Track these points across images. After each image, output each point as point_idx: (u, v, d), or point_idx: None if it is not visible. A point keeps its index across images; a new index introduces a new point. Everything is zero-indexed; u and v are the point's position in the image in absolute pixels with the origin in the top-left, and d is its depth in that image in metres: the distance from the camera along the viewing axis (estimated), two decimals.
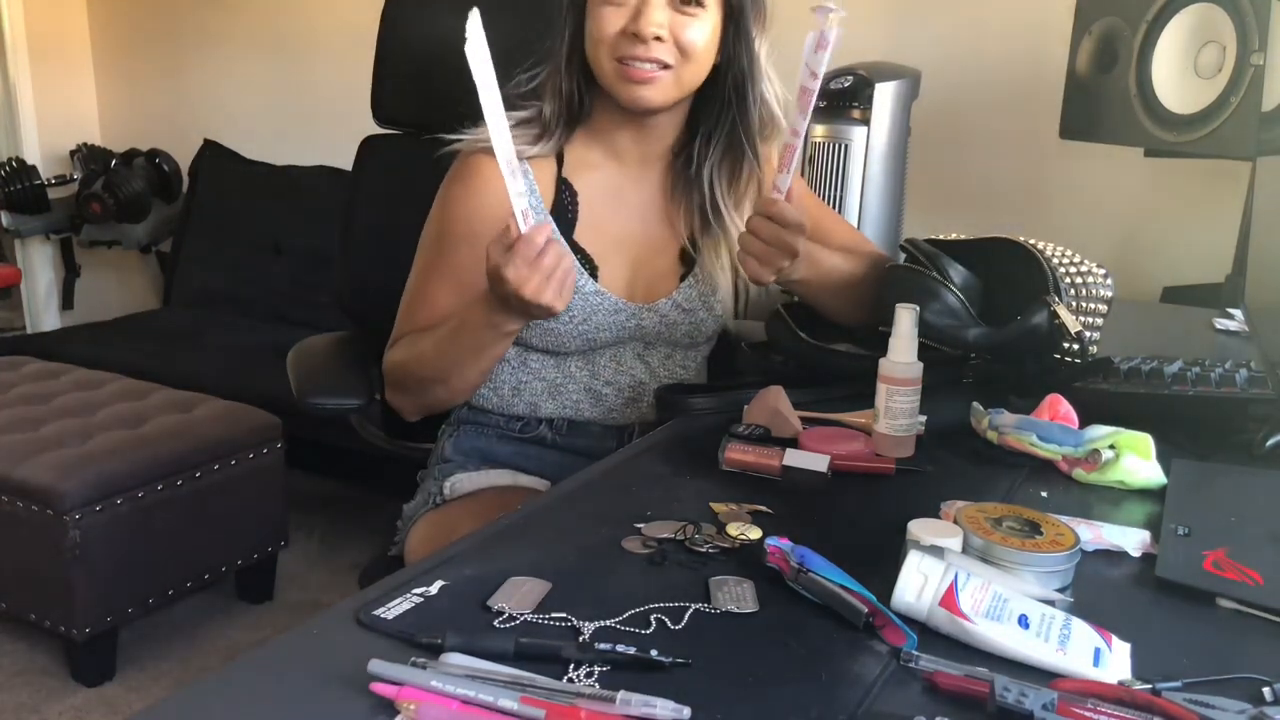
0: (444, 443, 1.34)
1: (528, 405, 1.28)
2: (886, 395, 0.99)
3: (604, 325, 1.24)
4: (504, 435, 1.30)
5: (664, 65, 1.15)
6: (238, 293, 3.27)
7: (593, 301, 1.23)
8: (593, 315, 1.23)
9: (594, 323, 1.23)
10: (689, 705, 0.59)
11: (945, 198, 2.33)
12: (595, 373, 1.28)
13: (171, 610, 2.21)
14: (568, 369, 1.27)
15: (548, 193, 1.23)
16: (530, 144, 1.21)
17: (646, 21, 1.13)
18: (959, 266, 1.17)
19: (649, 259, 1.28)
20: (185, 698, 0.62)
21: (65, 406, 2.28)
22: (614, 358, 1.28)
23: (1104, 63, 1.84)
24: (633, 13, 1.14)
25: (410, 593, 0.72)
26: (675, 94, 1.18)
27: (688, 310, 1.28)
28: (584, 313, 1.22)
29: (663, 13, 1.14)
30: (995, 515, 0.80)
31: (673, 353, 1.31)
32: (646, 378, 1.30)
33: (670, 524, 0.84)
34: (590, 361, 1.27)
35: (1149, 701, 0.60)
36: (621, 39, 1.15)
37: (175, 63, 3.63)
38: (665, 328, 1.28)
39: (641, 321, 1.26)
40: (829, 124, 1.98)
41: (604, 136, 1.25)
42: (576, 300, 1.22)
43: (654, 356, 1.30)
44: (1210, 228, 2.07)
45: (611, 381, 1.28)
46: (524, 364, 1.28)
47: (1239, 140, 1.62)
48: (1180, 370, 1.09)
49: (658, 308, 1.27)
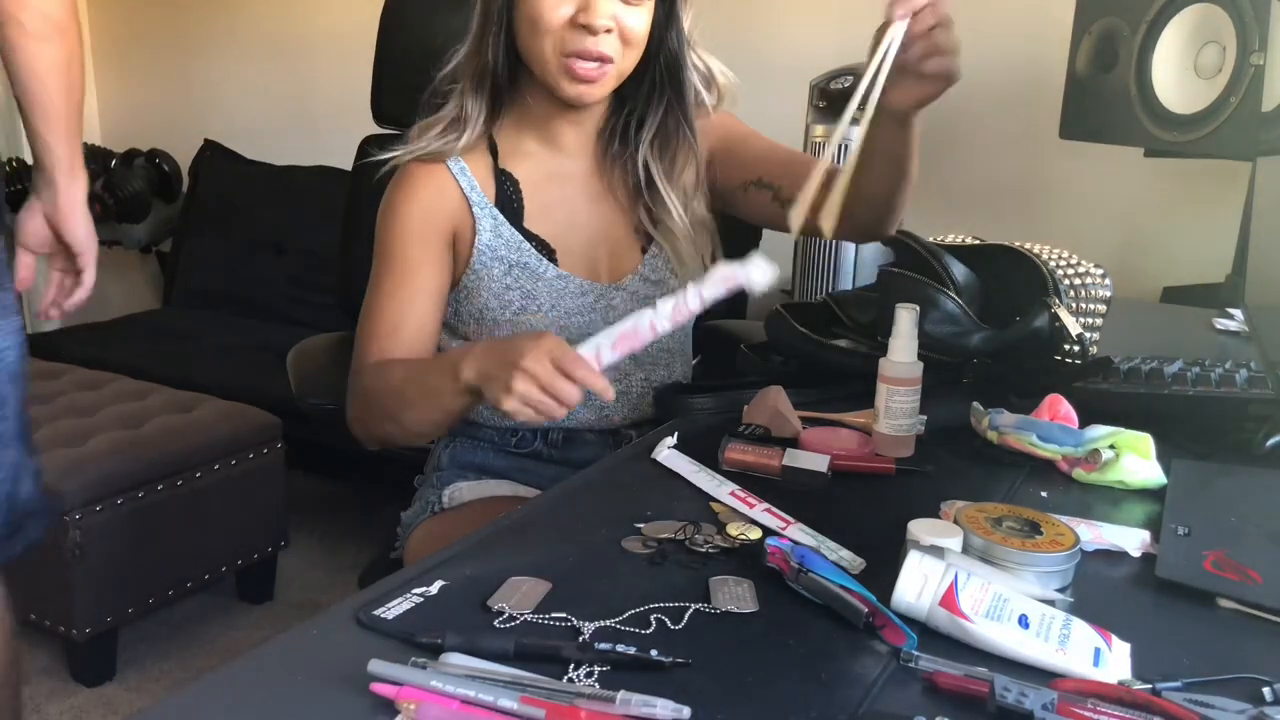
0: (440, 452, 1.33)
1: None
2: (886, 395, 0.99)
3: (574, 309, 1.22)
4: (500, 449, 1.29)
5: (608, 60, 1.13)
6: (238, 293, 3.27)
7: (557, 286, 1.21)
8: (560, 300, 1.21)
9: (563, 307, 1.21)
10: (689, 705, 0.59)
11: (945, 198, 2.33)
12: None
13: (171, 610, 2.21)
14: None
15: (487, 185, 1.21)
16: (456, 142, 1.19)
17: (597, 13, 1.10)
18: (959, 265, 1.17)
19: (604, 238, 1.26)
20: (185, 698, 0.62)
21: (65, 406, 2.28)
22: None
23: (1104, 63, 1.84)
24: (581, 2, 1.11)
25: (410, 593, 0.72)
26: (614, 85, 1.17)
27: (657, 282, 1.26)
28: (551, 299, 1.21)
29: (610, 3, 1.12)
30: (995, 515, 0.80)
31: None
32: (633, 367, 1.27)
33: (670, 524, 0.84)
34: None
35: (1149, 701, 0.60)
36: (569, 31, 1.12)
37: (175, 63, 3.63)
38: (638, 304, 1.26)
39: (611, 302, 1.24)
40: (829, 124, 1.99)
41: (537, 125, 1.23)
42: (541, 287, 1.20)
43: None
44: (1210, 228, 2.07)
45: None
46: None
47: (1239, 140, 1.63)
48: (1180, 370, 1.09)
49: (625, 285, 1.25)
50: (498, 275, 1.21)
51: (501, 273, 1.21)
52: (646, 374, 1.27)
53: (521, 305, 1.21)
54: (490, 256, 1.21)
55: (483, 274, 1.21)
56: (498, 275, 1.21)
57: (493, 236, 1.21)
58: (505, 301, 1.21)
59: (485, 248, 1.20)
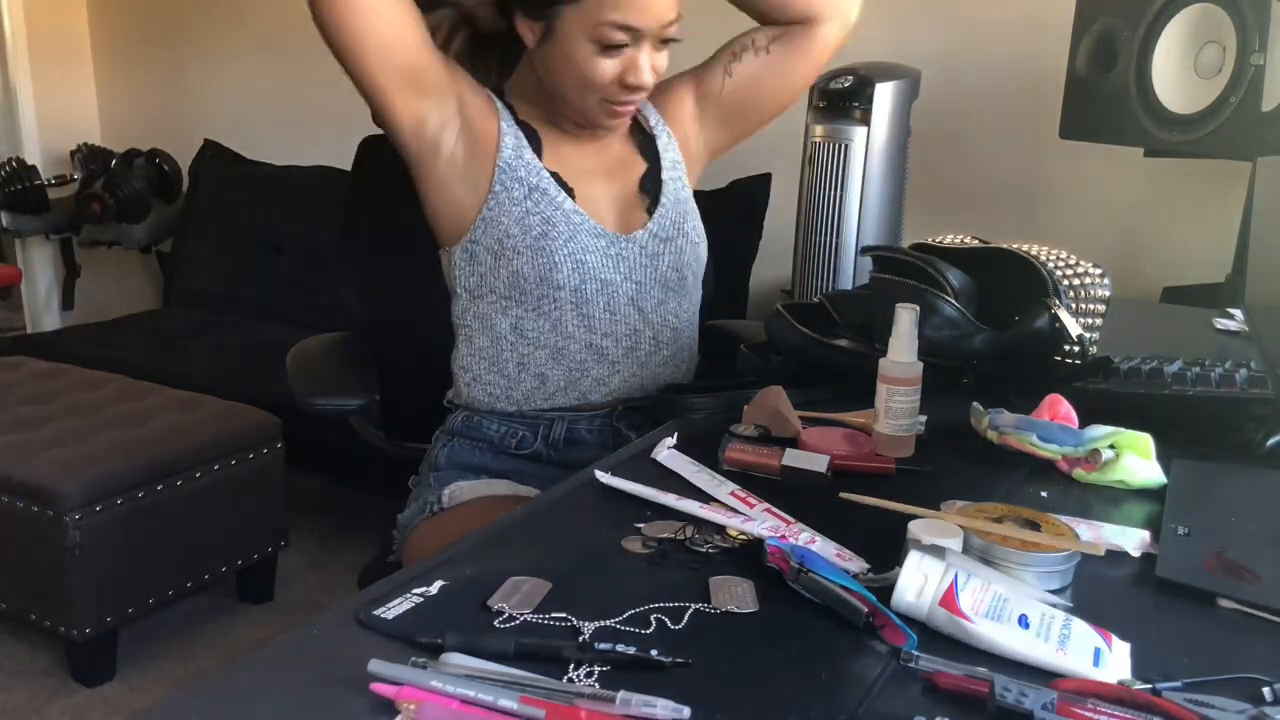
0: (438, 451, 1.33)
1: (535, 378, 1.27)
2: (886, 395, 0.99)
3: (589, 248, 1.24)
4: (499, 451, 1.30)
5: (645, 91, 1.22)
6: (238, 293, 3.27)
7: (575, 220, 1.24)
8: (576, 234, 1.24)
9: (579, 243, 1.23)
10: (689, 705, 0.59)
11: (945, 198, 2.34)
12: (592, 326, 1.26)
13: (171, 610, 2.21)
14: (565, 328, 1.26)
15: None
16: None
17: (644, 74, 1.19)
18: (955, 269, 1.17)
19: (618, 191, 1.30)
20: (185, 698, 0.62)
21: (65, 406, 2.28)
22: (607, 307, 1.27)
23: (1104, 63, 1.84)
24: (628, 63, 1.18)
25: (410, 593, 0.72)
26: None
27: (666, 239, 1.29)
28: (569, 230, 1.23)
29: (650, 57, 1.19)
30: (995, 515, 0.80)
31: (665, 298, 1.31)
32: (641, 324, 1.29)
33: (670, 524, 0.84)
34: (585, 316, 1.26)
35: (1149, 701, 0.60)
36: (614, 86, 1.19)
37: (175, 63, 3.63)
38: (648, 259, 1.28)
39: (622, 251, 1.27)
40: (829, 124, 1.99)
41: (548, 113, 1.28)
42: (559, 217, 1.23)
43: (647, 301, 1.29)
44: (1210, 228, 2.07)
45: (609, 333, 1.27)
46: (521, 335, 1.27)
47: (1239, 140, 1.63)
48: (1180, 370, 1.09)
49: (635, 239, 1.27)
50: (518, 198, 1.23)
51: (522, 195, 1.23)
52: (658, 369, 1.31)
53: (542, 231, 1.22)
54: (510, 176, 1.23)
55: (502, 196, 1.23)
56: (518, 198, 1.23)
57: (514, 155, 1.23)
58: (526, 226, 1.22)
59: (506, 165, 1.23)
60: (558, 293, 1.24)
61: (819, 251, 2.06)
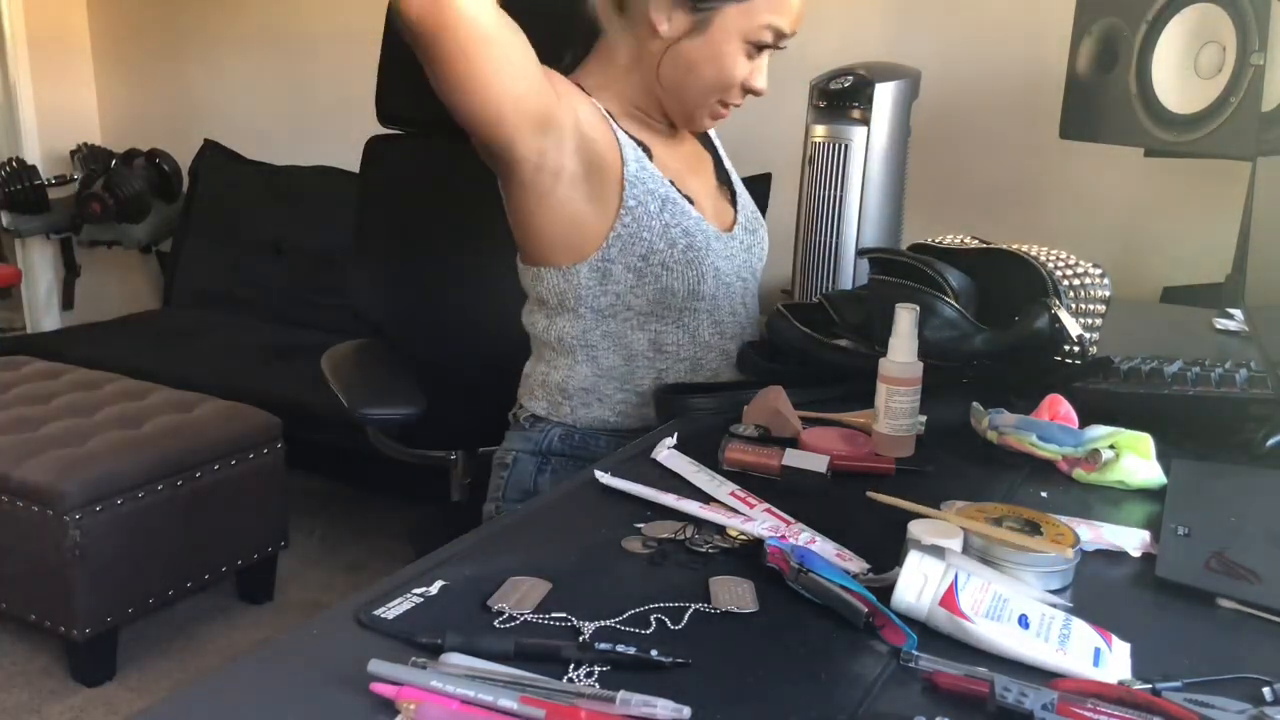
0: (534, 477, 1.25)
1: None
2: (886, 395, 0.99)
3: (719, 253, 1.23)
4: None
5: None
6: (238, 293, 3.27)
7: (704, 228, 1.22)
8: (710, 243, 1.22)
9: (714, 251, 1.22)
10: (689, 705, 0.59)
11: (945, 198, 2.34)
12: (723, 332, 1.26)
13: (171, 610, 2.21)
14: (702, 338, 1.24)
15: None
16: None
17: (762, 80, 1.20)
18: (954, 270, 1.17)
19: (708, 188, 1.30)
20: (185, 698, 0.62)
21: (65, 406, 2.28)
22: (732, 311, 1.27)
23: (1104, 63, 1.84)
24: (756, 69, 1.19)
25: (410, 593, 0.72)
26: None
27: (751, 230, 1.31)
28: (704, 239, 1.21)
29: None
30: (995, 515, 0.80)
31: (757, 289, 1.34)
32: (748, 320, 1.31)
33: (670, 524, 0.84)
34: (718, 324, 1.26)
35: (1149, 701, 0.60)
36: (737, 89, 1.20)
37: (175, 63, 3.63)
38: (745, 253, 1.29)
39: (733, 251, 1.27)
40: (829, 124, 1.98)
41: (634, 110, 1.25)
42: (694, 226, 1.21)
43: (749, 296, 1.31)
44: (1210, 228, 2.07)
45: (735, 335, 1.28)
46: (660, 350, 1.23)
47: (1239, 140, 1.63)
48: (1180, 370, 1.09)
49: (735, 235, 1.28)
50: (654, 211, 1.18)
51: (657, 209, 1.18)
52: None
53: (687, 244, 1.19)
54: (641, 189, 1.18)
55: (638, 211, 1.17)
56: (654, 211, 1.18)
57: (638, 168, 1.18)
58: (670, 240, 1.19)
59: (633, 178, 1.17)
60: (698, 303, 1.22)
61: (819, 251, 2.06)
